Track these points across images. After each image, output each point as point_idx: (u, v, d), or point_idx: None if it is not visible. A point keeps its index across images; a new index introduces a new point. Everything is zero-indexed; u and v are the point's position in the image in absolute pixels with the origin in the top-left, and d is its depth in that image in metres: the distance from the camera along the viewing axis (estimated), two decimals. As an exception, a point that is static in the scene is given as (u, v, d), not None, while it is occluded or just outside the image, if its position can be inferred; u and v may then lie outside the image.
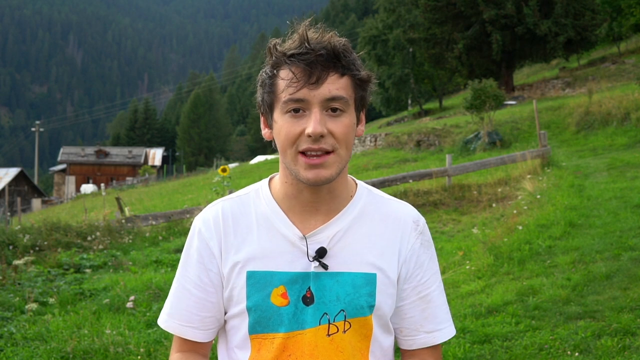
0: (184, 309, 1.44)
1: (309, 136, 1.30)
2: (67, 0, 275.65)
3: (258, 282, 1.38)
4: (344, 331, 1.38)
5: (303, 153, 1.32)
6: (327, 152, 1.32)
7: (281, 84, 1.33)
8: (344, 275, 1.39)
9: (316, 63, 1.30)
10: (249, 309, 1.39)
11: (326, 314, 1.38)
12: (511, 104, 26.48)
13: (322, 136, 1.30)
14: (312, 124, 1.29)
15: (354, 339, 1.40)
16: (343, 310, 1.38)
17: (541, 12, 30.45)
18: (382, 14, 43.39)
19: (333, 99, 1.31)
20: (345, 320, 1.38)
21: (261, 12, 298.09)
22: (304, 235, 1.39)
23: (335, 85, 1.31)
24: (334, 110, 1.32)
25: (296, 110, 1.31)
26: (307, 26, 1.34)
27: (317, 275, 1.38)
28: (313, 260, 1.38)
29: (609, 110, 17.25)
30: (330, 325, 1.38)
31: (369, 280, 1.40)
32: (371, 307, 1.39)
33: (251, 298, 1.38)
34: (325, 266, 1.38)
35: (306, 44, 1.31)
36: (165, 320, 1.46)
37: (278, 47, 1.35)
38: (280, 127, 1.34)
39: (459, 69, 35.11)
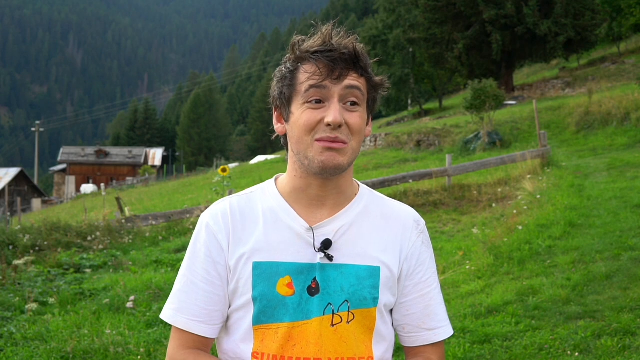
0: (193, 303, 1.45)
1: (328, 125, 1.36)
2: (67, 0, 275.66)
3: (264, 272, 1.41)
4: (348, 322, 1.42)
5: (318, 141, 1.38)
6: (343, 143, 1.39)
7: (302, 77, 1.40)
8: (349, 267, 1.43)
9: (339, 61, 1.38)
10: (254, 298, 1.41)
11: (330, 304, 1.41)
12: (511, 104, 26.47)
13: (339, 126, 1.37)
14: (332, 113, 1.36)
15: (357, 330, 1.43)
16: (347, 301, 1.42)
17: (541, 12, 30.43)
18: (382, 14, 43.39)
19: (352, 87, 1.38)
20: (349, 311, 1.42)
21: (261, 12, 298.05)
22: (310, 227, 1.44)
23: (355, 80, 1.40)
24: (352, 104, 1.39)
25: (317, 102, 1.38)
26: (331, 27, 1.42)
27: (323, 267, 1.42)
28: (319, 251, 1.42)
29: (609, 110, 17.25)
30: (334, 315, 1.41)
31: (373, 273, 1.44)
32: (375, 299, 1.43)
33: (257, 288, 1.41)
34: (330, 257, 1.42)
35: (332, 43, 1.39)
36: (173, 315, 1.46)
37: (301, 44, 1.42)
38: (299, 116, 1.40)
39: (459, 69, 35.10)
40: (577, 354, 4.27)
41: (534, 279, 5.99)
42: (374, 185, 11.64)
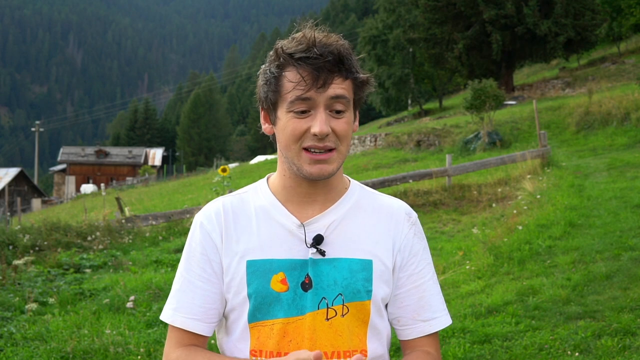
0: (190, 301, 1.46)
1: (315, 135, 1.37)
2: (67, 0, 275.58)
3: (258, 269, 1.43)
4: (343, 315, 1.43)
5: (306, 149, 1.39)
6: (331, 150, 1.39)
7: (288, 85, 1.39)
8: (341, 261, 1.44)
9: (323, 68, 1.36)
10: (249, 296, 1.43)
11: (324, 298, 1.42)
12: (511, 104, 26.47)
13: (326, 135, 1.37)
14: (319, 124, 1.37)
15: (352, 323, 1.44)
16: (341, 294, 1.43)
17: (541, 12, 30.43)
18: (382, 14, 43.38)
19: (337, 97, 1.38)
20: (343, 305, 1.43)
21: (261, 12, 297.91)
22: (301, 223, 1.45)
23: (340, 87, 1.39)
24: (338, 112, 1.39)
25: (303, 112, 1.38)
26: (313, 28, 1.40)
27: (315, 262, 1.43)
28: (310, 247, 1.43)
29: (609, 110, 17.25)
30: (329, 309, 1.43)
31: (365, 265, 1.45)
32: (368, 292, 1.44)
33: (251, 285, 1.43)
34: (322, 252, 1.43)
35: (315, 49, 1.37)
36: (171, 315, 1.48)
37: (285, 48, 1.40)
38: (285, 124, 1.40)
39: (459, 69, 35.10)
40: (577, 354, 4.27)
41: (534, 279, 5.99)
42: (374, 185, 11.64)
